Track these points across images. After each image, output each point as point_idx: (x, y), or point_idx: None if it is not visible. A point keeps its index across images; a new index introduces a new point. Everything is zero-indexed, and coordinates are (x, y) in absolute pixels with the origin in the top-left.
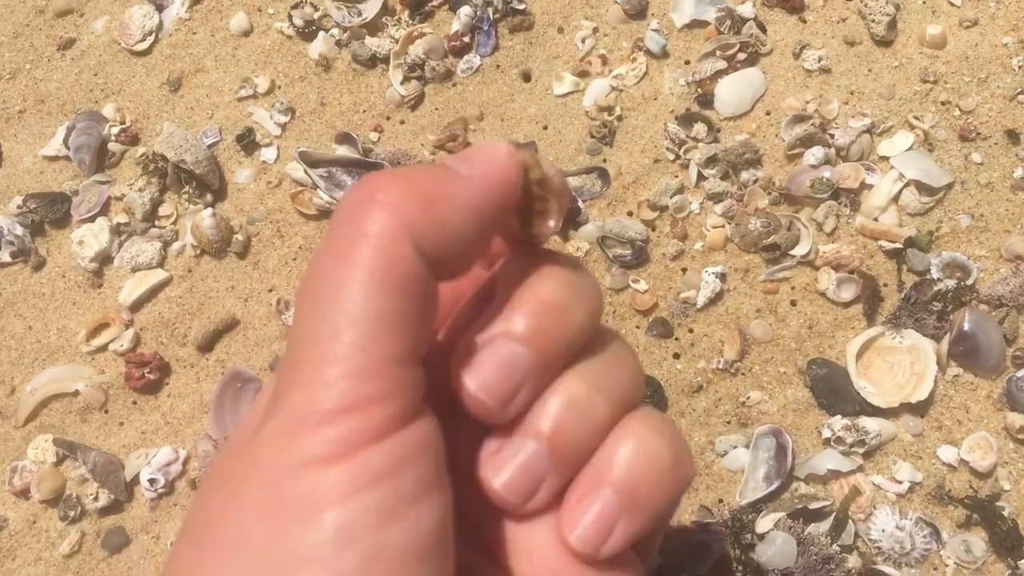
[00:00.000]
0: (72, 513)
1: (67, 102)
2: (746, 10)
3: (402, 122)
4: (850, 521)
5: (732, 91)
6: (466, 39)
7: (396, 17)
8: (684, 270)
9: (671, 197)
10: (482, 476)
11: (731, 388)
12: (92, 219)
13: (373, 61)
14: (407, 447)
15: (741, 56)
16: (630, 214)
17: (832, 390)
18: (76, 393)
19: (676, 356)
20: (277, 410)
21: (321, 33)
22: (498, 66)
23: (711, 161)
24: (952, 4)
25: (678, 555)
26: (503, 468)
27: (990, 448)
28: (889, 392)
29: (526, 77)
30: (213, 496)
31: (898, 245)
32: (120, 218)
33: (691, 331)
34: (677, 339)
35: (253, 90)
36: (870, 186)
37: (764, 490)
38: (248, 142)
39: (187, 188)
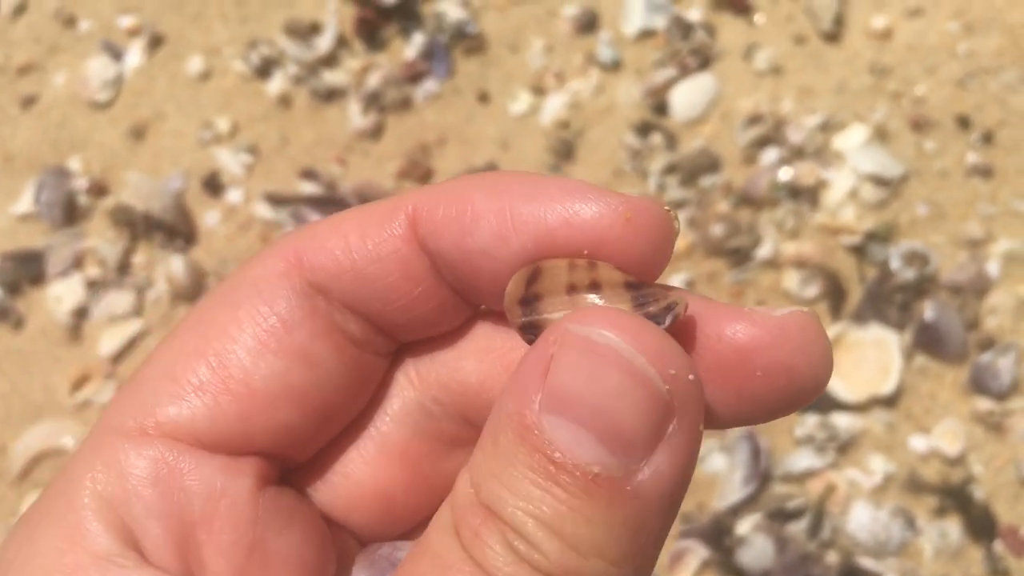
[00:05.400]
0: None
1: (34, 158)
2: (693, 15)
3: (365, 153)
4: (827, 517)
5: (686, 98)
6: (421, 66)
7: (351, 48)
8: None
9: None
10: None
11: None
12: (67, 274)
13: (332, 95)
14: None
15: (692, 62)
16: None
17: None
18: (66, 448)
19: None
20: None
21: (278, 71)
22: (455, 90)
23: (670, 169)
24: None
25: None
26: None
27: (959, 435)
28: (858, 386)
29: (483, 99)
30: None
31: (858, 239)
32: (93, 270)
33: None
34: None
35: (215, 133)
36: (827, 182)
37: (742, 493)
38: (214, 185)
39: (158, 236)
